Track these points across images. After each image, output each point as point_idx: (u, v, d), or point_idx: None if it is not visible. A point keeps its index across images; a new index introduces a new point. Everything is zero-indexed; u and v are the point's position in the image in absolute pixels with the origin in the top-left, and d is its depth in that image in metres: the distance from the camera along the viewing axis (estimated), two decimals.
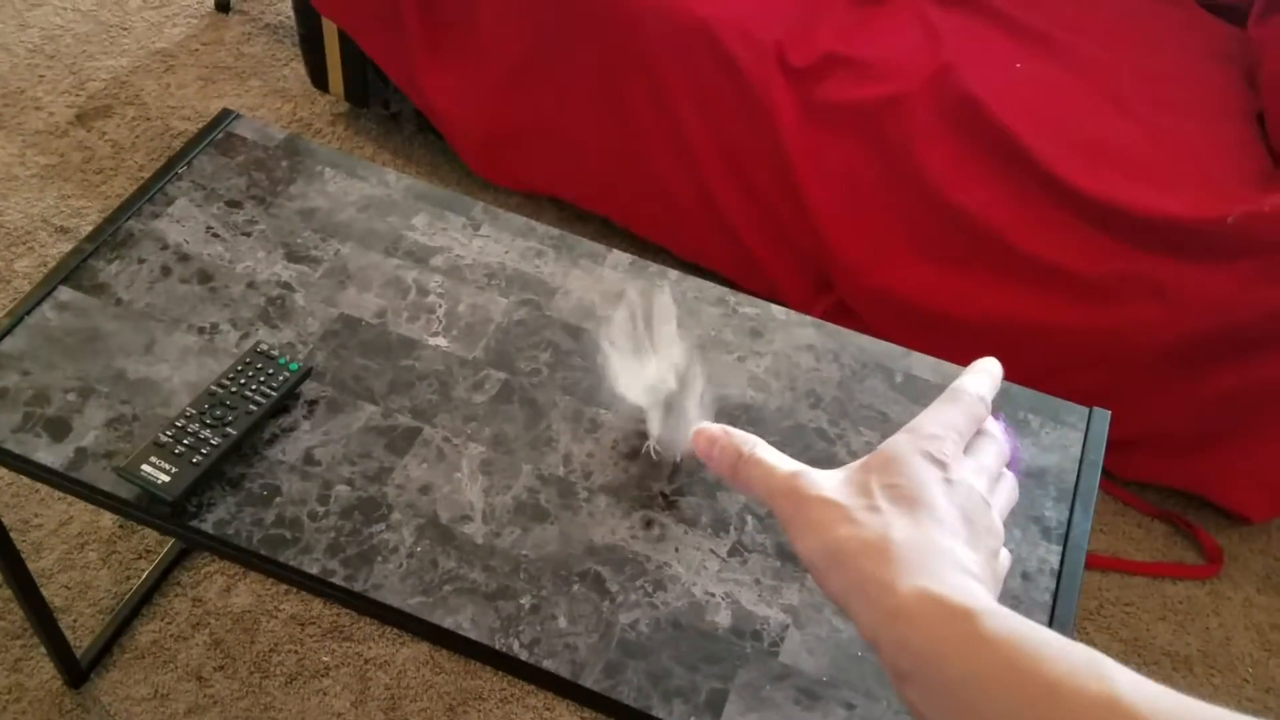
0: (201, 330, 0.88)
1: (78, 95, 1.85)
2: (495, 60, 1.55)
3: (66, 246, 1.58)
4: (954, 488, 0.42)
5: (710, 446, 0.52)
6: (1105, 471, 1.46)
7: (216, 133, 1.05)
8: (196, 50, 1.96)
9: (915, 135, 1.37)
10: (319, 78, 1.80)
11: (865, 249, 1.42)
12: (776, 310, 0.95)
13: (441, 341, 0.90)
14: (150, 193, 0.98)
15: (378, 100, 1.80)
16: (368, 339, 0.89)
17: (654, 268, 0.97)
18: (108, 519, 1.33)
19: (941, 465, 0.43)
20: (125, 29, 1.98)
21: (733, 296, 0.96)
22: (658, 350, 0.79)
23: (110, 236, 0.94)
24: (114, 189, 1.71)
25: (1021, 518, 0.84)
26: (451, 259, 0.97)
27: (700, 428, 0.54)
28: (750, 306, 0.95)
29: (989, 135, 1.34)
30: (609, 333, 0.83)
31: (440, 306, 0.93)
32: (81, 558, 1.30)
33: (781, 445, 0.55)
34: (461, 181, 1.75)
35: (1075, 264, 1.31)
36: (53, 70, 1.89)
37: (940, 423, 0.45)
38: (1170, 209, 1.26)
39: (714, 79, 1.43)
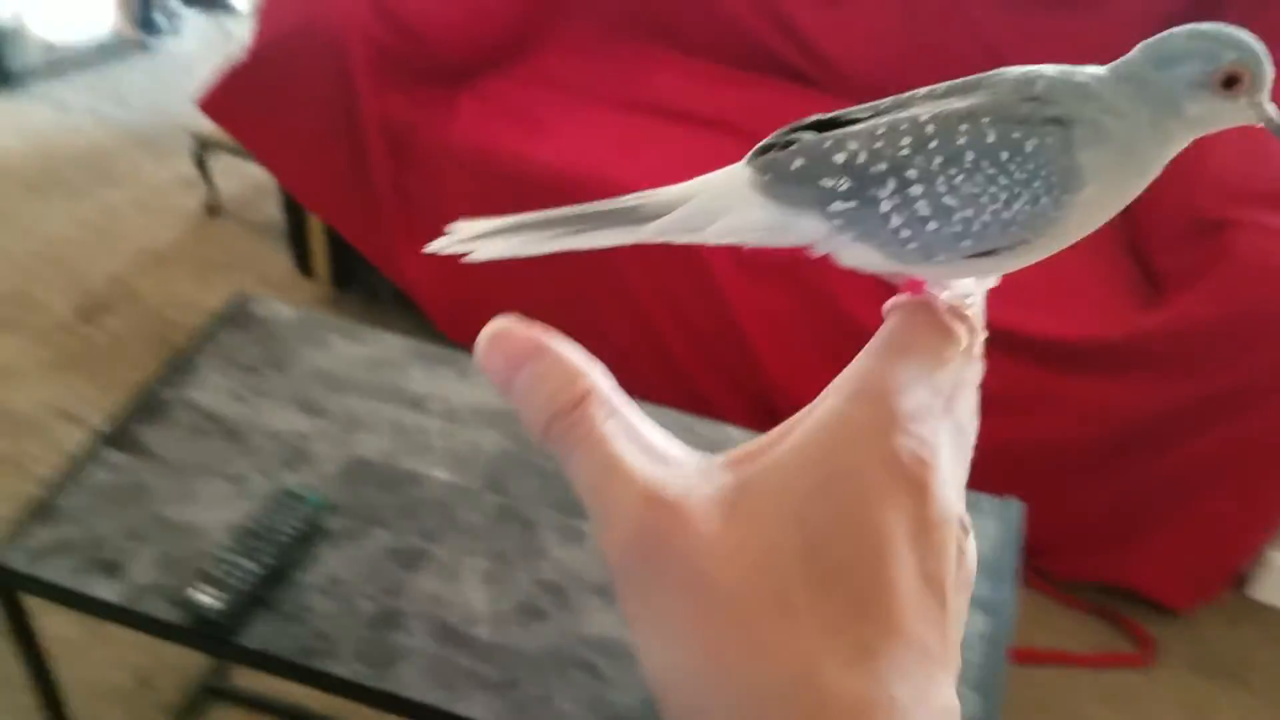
0: (233, 478, 1.01)
1: (78, 294, 2.01)
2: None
3: (74, 431, 1.70)
4: (930, 539, 0.27)
5: (495, 353, 0.29)
6: (1037, 570, 1.60)
7: (234, 311, 1.21)
8: (188, 250, 2.14)
9: (830, 277, 1.57)
10: (304, 265, 1.99)
11: (802, 377, 1.59)
12: (732, 430, 1.10)
13: (442, 473, 1.04)
14: (179, 365, 1.13)
15: (359, 281, 1.99)
16: (378, 475, 1.03)
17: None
18: (126, 675, 1.41)
19: (919, 484, 0.27)
20: (121, 234, 2.17)
21: (691, 420, 1.11)
22: None
23: (146, 404, 1.08)
24: (116, 377, 1.84)
25: None
26: (445, 403, 1.12)
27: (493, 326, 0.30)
28: (707, 428, 1.10)
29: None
30: None
31: (439, 443, 1.07)
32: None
33: None
34: (436, 345, 1.92)
35: (985, 384, 1.49)
36: (54, 273, 2.05)
37: (920, 383, 0.29)
38: (1062, 331, 1.45)
39: (659, 248, 1.63)
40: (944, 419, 0.30)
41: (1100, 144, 0.32)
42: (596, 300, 1.70)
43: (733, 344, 1.63)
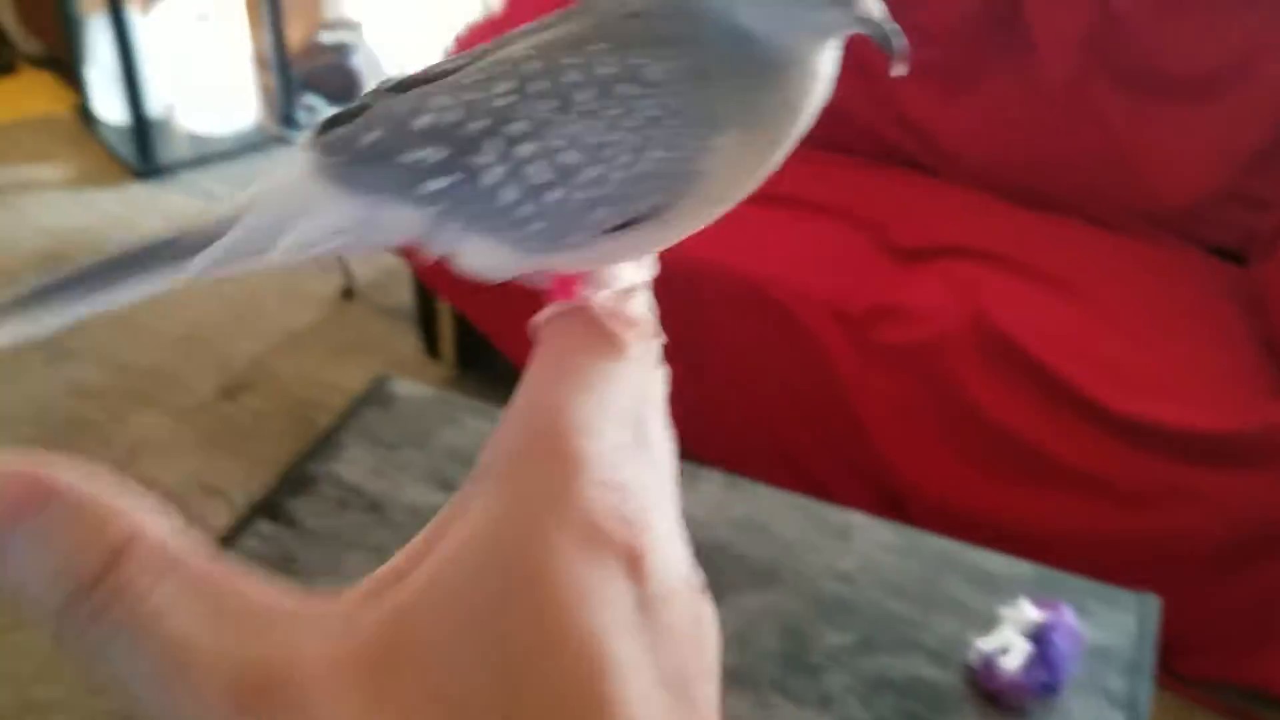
0: (375, 549, 1.05)
1: (220, 373, 2.13)
2: None
3: (217, 504, 1.79)
4: (657, 622, 0.21)
5: None
6: (1171, 671, 1.54)
7: (374, 391, 1.27)
8: (324, 332, 2.25)
9: (960, 370, 1.56)
10: (432, 347, 2.08)
11: (927, 470, 1.58)
12: (855, 516, 1.11)
13: None
14: (325, 441, 1.19)
15: (483, 362, 2.07)
16: None
17: (746, 483, 1.15)
18: None
19: (629, 554, 0.21)
20: (261, 316, 2.29)
21: (805, 502, 1.12)
22: None
23: (294, 478, 1.14)
24: (256, 453, 1.94)
25: (1087, 691, 0.95)
26: None
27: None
28: (834, 512, 1.11)
29: (1026, 367, 1.53)
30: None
31: None
32: None
33: (871, 634, 0.41)
34: None
35: (1117, 476, 1.46)
36: (198, 352, 2.18)
37: (599, 416, 0.24)
38: (1196, 422, 1.42)
39: (771, 328, 1.65)
40: (639, 455, 0.24)
41: (736, 73, 0.26)
42: (704, 375, 1.73)
43: (848, 425, 1.64)
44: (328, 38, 2.92)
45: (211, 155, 2.73)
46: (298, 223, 0.26)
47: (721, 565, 1.03)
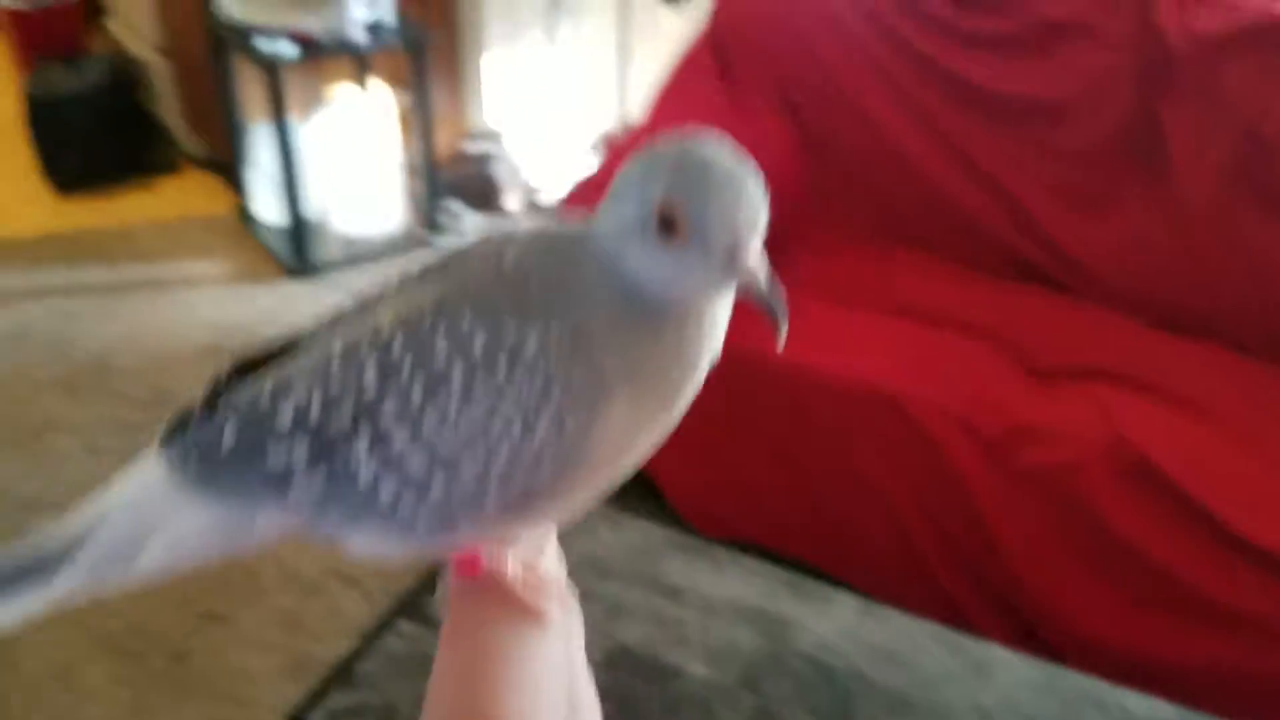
0: None
1: None
2: (698, 419, 1.81)
3: (353, 594, 1.85)
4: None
5: None
6: None
7: None
8: None
9: (1098, 494, 1.52)
10: None
11: (1063, 596, 1.53)
12: (997, 650, 1.08)
13: (700, 668, 1.07)
14: None
15: None
16: (639, 665, 1.07)
17: (881, 608, 1.13)
18: None
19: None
20: None
21: (955, 636, 1.10)
22: None
23: (434, 578, 1.18)
24: None
25: None
26: (701, 595, 1.16)
27: None
28: (973, 645, 1.08)
29: (1166, 493, 1.48)
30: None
31: (696, 637, 1.10)
32: None
33: None
34: (692, 537, 1.97)
35: (1260, 611, 1.38)
36: None
37: (524, 694, 0.28)
38: None
39: (905, 444, 1.64)
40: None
41: (622, 328, 0.24)
42: (836, 491, 1.72)
43: (983, 546, 1.60)
44: (471, 147, 3.08)
45: (359, 255, 2.88)
46: (160, 534, 0.24)
47: (856, 693, 1.01)
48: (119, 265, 2.84)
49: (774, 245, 1.75)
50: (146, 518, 0.24)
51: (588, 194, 1.97)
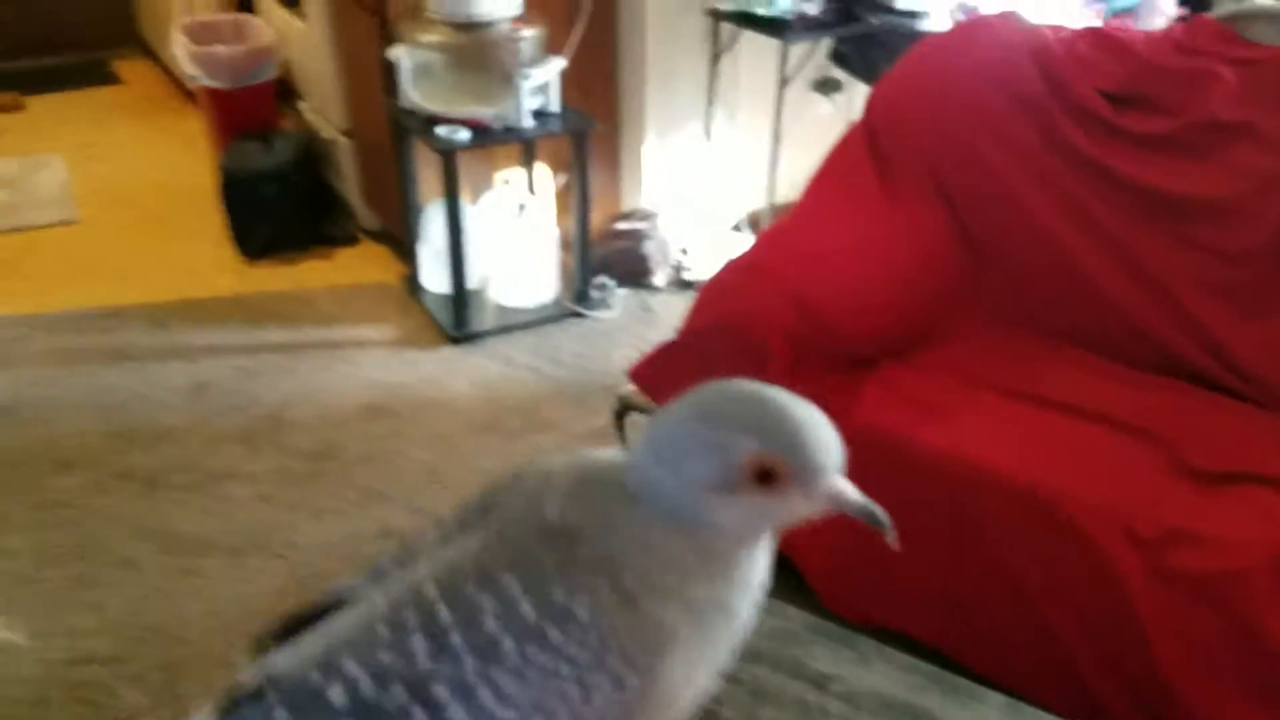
0: None
1: None
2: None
3: None
4: None
5: None
6: None
7: None
8: None
9: (1260, 604, 1.46)
10: None
11: (1218, 709, 1.46)
12: None
13: None
14: None
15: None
16: None
17: (1030, 709, 1.12)
18: None
19: None
20: None
21: None
22: None
23: None
24: None
25: None
26: (847, 685, 1.17)
27: None
28: None
29: None
30: None
31: None
32: None
33: None
34: (836, 624, 1.97)
35: None
36: None
37: None
38: None
39: (1058, 541, 1.61)
40: None
41: (674, 577, 0.23)
42: (984, 586, 1.70)
43: (1136, 650, 1.55)
44: (624, 225, 3.20)
45: (514, 324, 3.02)
46: None
47: None
48: (296, 327, 3.05)
49: (927, 335, 1.80)
50: None
51: (733, 276, 2.03)
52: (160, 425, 2.62)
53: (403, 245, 3.20)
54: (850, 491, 0.25)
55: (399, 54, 2.73)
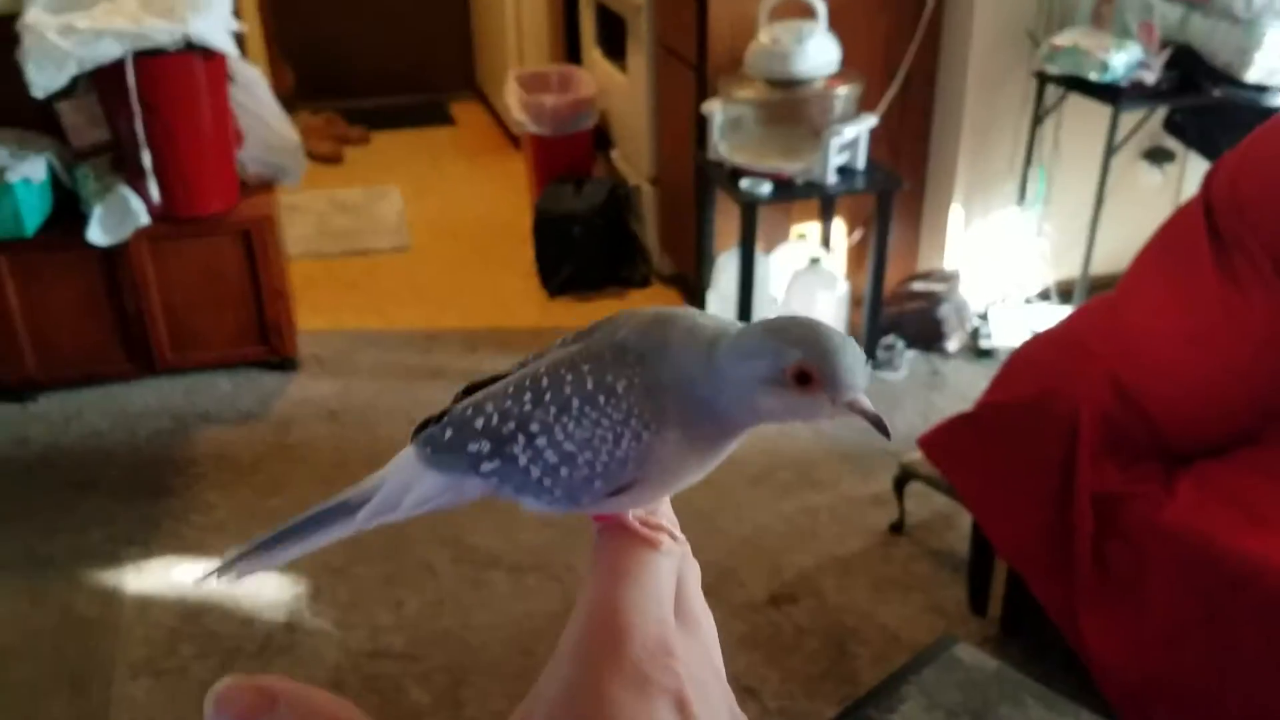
0: None
1: (772, 581, 2.29)
2: (1159, 618, 1.66)
3: (749, 704, 1.91)
4: None
5: (222, 715, 0.28)
6: None
7: (939, 650, 1.30)
8: (870, 562, 2.33)
9: None
10: (978, 604, 2.04)
11: None
12: None
13: None
14: (885, 689, 1.23)
15: (1028, 631, 1.98)
16: None
17: None
18: None
19: (684, 711, 0.31)
20: (815, 534, 2.44)
21: None
22: None
23: (854, 717, 1.20)
24: (792, 663, 2.04)
25: None
26: None
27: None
28: None
29: None
30: None
31: None
32: None
33: None
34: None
35: None
36: (756, 557, 2.37)
37: (647, 601, 0.34)
38: None
39: None
40: (682, 624, 0.34)
41: (681, 394, 0.35)
42: (1245, 691, 1.50)
43: None
44: (920, 285, 3.12)
45: None
46: (413, 491, 0.39)
47: None
48: None
49: (1252, 433, 1.62)
50: (405, 480, 0.39)
51: (1045, 350, 1.93)
52: None
53: (693, 291, 3.29)
54: (866, 403, 0.35)
55: (713, 108, 2.82)
